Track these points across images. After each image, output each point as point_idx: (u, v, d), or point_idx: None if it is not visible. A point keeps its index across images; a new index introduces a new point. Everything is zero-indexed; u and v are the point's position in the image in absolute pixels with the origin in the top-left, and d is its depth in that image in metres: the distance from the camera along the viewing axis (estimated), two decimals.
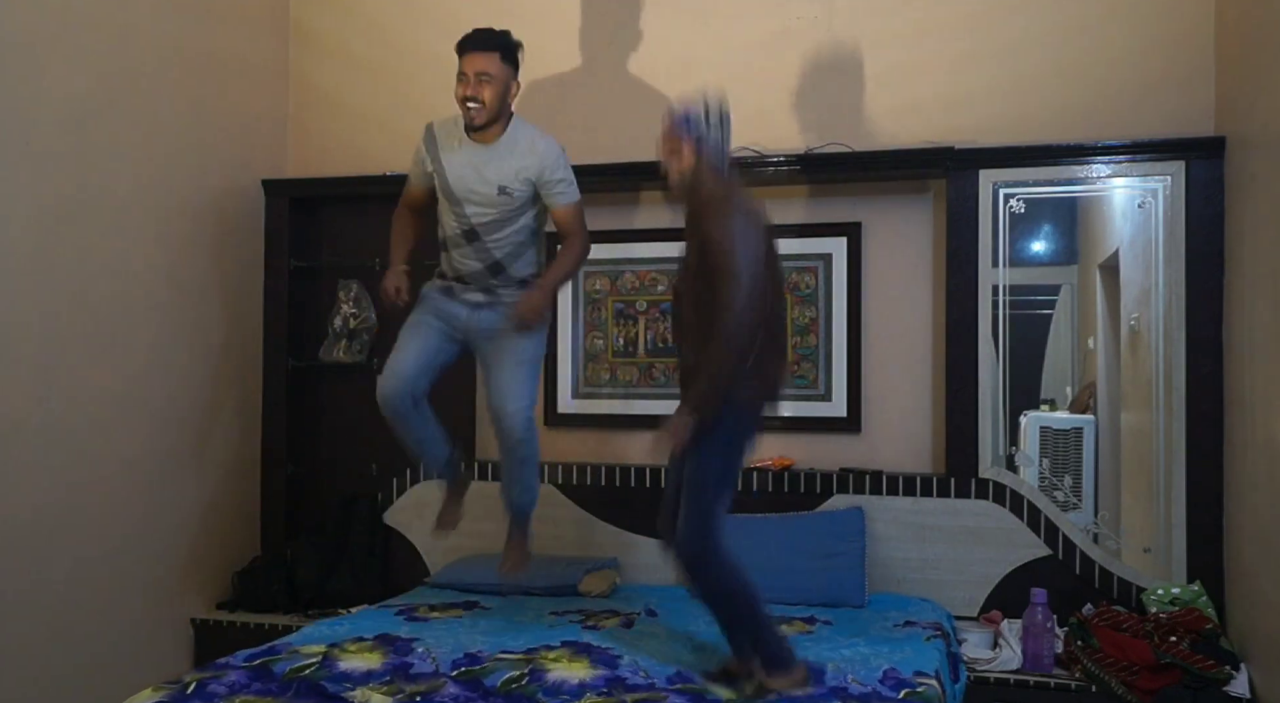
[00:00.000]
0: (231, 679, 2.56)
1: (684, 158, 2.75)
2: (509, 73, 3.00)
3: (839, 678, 2.62)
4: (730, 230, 2.59)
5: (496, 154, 3.00)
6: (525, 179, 3.01)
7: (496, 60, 2.96)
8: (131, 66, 3.65)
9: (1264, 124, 3.00)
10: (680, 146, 2.75)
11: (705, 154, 2.74)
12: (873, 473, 3.68)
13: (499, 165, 3.00)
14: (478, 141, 3.03)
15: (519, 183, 3.00)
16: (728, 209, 2.65)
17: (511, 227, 3.05)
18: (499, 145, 3.01)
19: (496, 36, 3.01)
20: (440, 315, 3.13)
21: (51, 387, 3.34)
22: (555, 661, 2.73)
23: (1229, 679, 2.93)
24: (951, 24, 3.78)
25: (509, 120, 3.05)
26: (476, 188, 3.01)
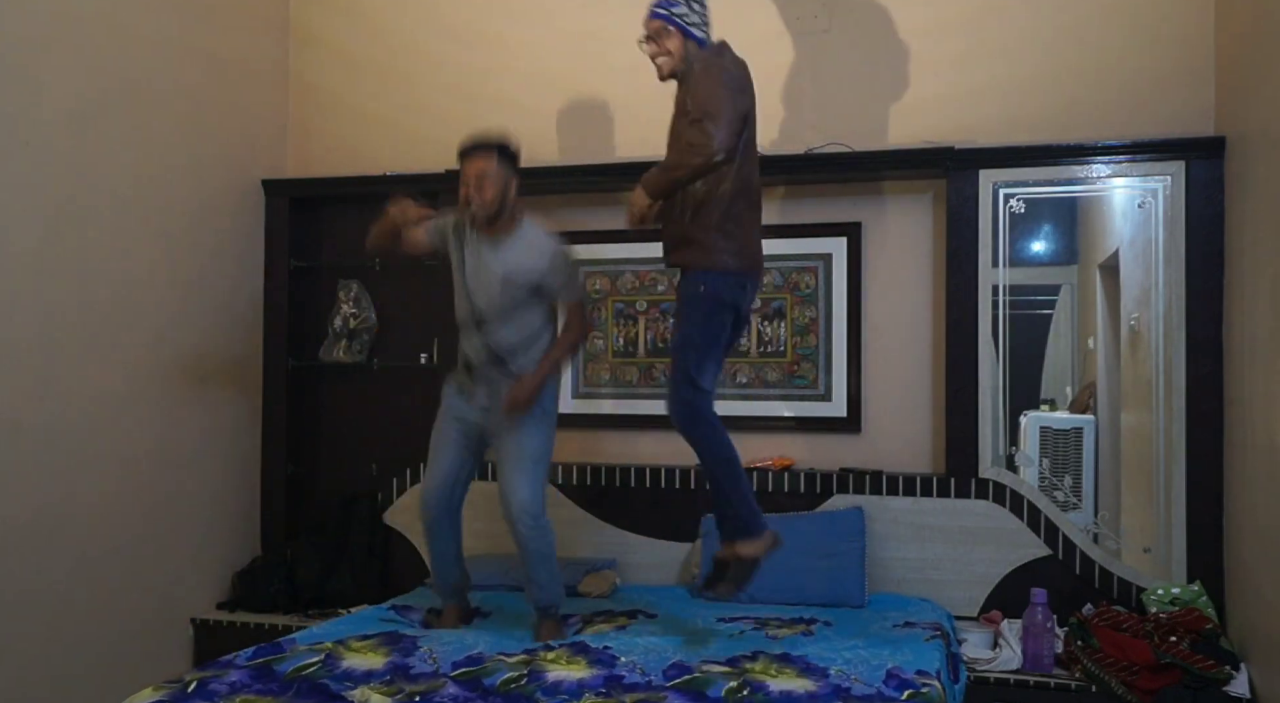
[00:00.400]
0: (233, 679, 2.56)
1: (672, 47, 2.91)
2: (508, 172, 3.14)
3: (842, 678, 2.62)
4: (719, 75, 2.80)
5: (505, 249, 3.15)
6: (529, 276, 3.14)
7: (494, 161, 3.10)
8: (131, 66, 3.65)
9: (1264, 124, 3.00)
10: (665, 36, 2.91)
11: (691, 39, 2.91)
12: (873, 473, 3.68)
13: (504, 259, 3.14)
14: (488, 237, 3.17)
15: (522, 278, 3.13)
16: (717, 62, 2.86)
17: (516, 320, 3.16)
18: (510, 241, 3.16)
19: (493, 141, 3.15)
20: (458, 421, 3.25)
21: (51, 387, 3.34)
22: (554, 661, 2.73)
23: (1229, 679, 2.93)
24: (951, 24, 3.78)
25: (519, 219, 3.19)
26: (483, 278, 3.15)
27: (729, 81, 2.83)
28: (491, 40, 4.22)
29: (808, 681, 2.60)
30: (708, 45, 2.95)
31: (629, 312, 4.07)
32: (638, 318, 4.07)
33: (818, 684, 2.58)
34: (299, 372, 4.28)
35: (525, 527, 3.08)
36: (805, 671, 2.68)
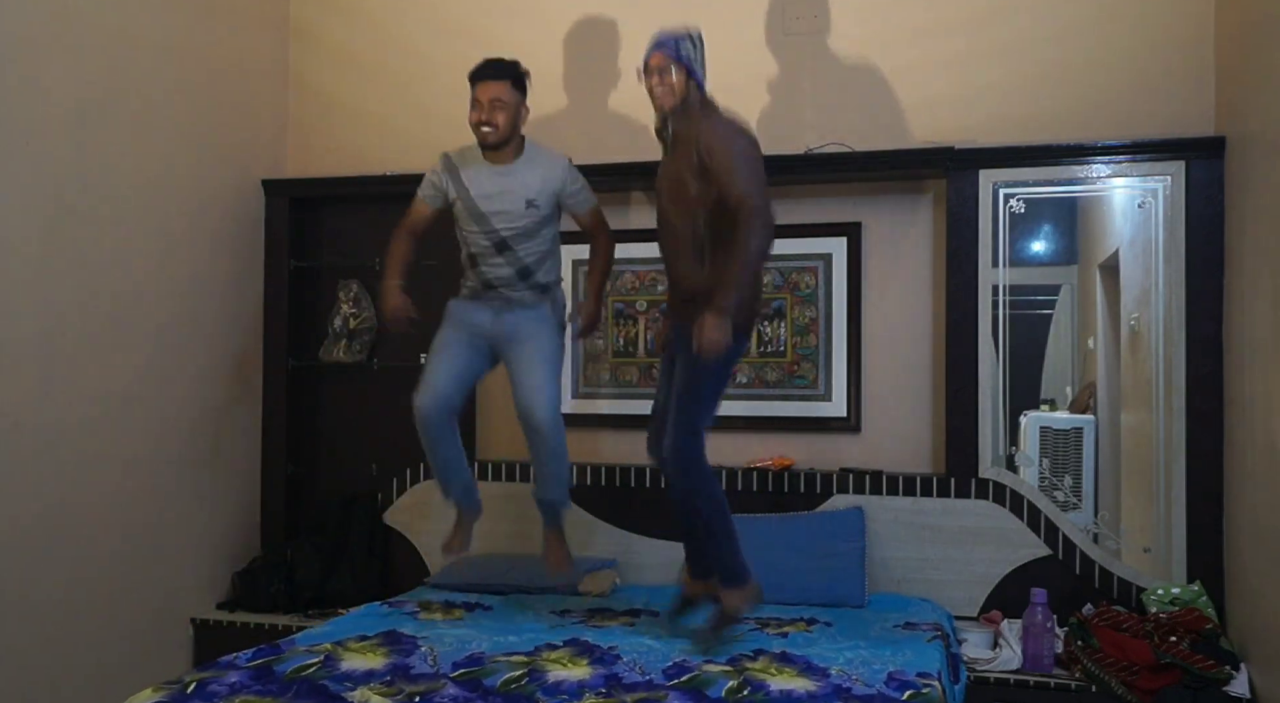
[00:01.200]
0: (233, 679, 2.56)
1: (676, 84, 2.91)
2: (519, 98, 3.23)
3: (843, 678, 2.62)
4: (734, 138, 2.82)
5: (518, 171, 3.23)
6: (549, 191, 3.24)
7: (508, 87, 3.18)
8: (131, 66, 3.65)
9: (1264, 124, 3.00)
10: (671, 73, 2.91)
11: (694, 79, 2.93)
12: (873, 473, 3.68)
13: (523, 180, 3.22)
14: (496, 163, 3.24)
15: (544, 195, 3.23)
16: (721, 120, 2.88)
17: (538, 236, 3.26)
18: (519, 164, 3.24)
19: (508, 66, 3.23)
20: (466, 327, 3.30)
21: (52, 387, 3.34)
22: (555, 661, 2.73)
23: (1229, 679, 2.93)
24: (951, 24, 3.78)
25: (522, 142, 3.28)
26: (504, 203, 3.21)
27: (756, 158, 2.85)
28: (491, 40, 4.21)
29: (808, 680, 2.61)
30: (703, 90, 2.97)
31: (629, 312, 4.07)
32: (638, 318, 4.07)
33: (818, 684, 2.58)
34: (299, 372, 4.28)
35: (549, 424, 3.16)
36: (806, 670, 2.68)
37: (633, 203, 4.04)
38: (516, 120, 3.22)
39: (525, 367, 3.21)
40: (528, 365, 3.20)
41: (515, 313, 3.26)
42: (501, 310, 3.27)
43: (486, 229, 3.24)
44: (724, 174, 2.76)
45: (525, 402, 3.18)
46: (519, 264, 3.24)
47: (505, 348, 3.27)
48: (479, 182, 3.25)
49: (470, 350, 3.28)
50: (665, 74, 2.93)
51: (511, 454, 4.02)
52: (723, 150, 2.79)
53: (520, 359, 3.22)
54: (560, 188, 3.26)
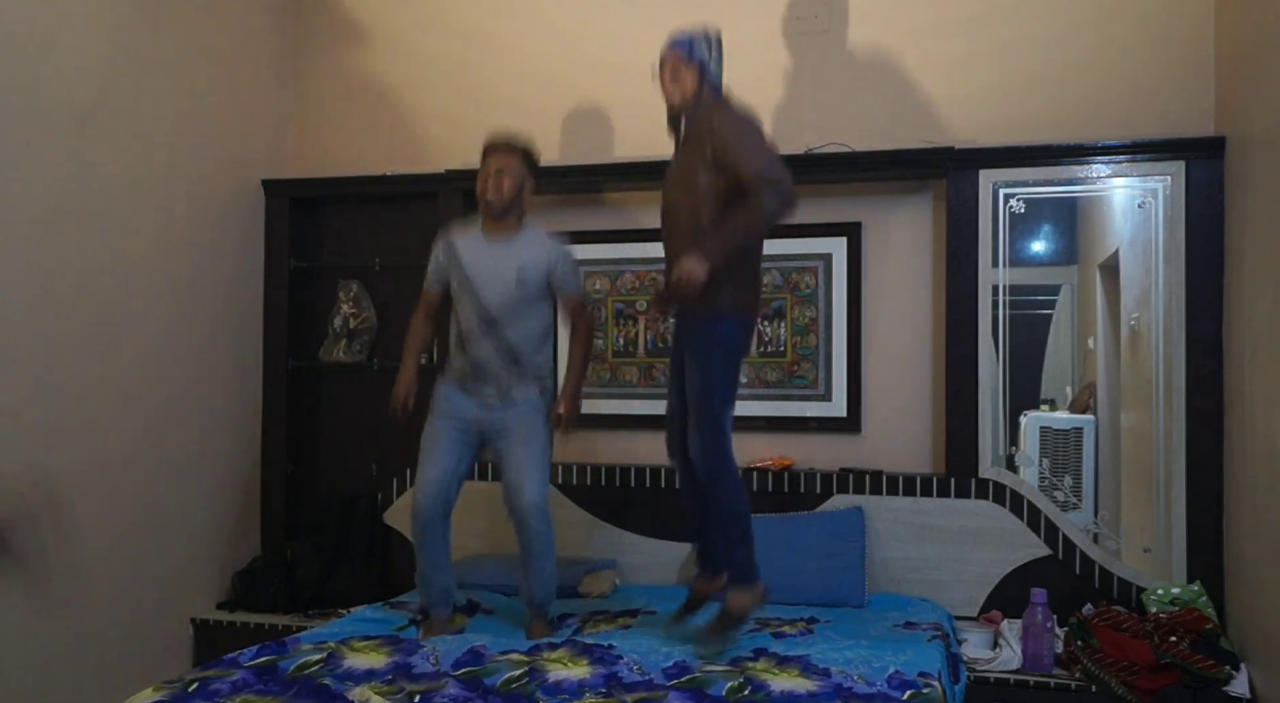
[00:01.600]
0: (236, 678, 2.56)
1: (687, 82, 2.93)
2: (526, 173, 3.28)
3: (843, 677, 2.62)
4: (744, 126, 2.83)
5: (514, 246, 3.25)
6: (541, 268, 3.24)
7: (517, 160, 3.25)
8: (131, 66, 3.65)
9: (1264, 124, 3.00)
10: (684, 71, 2.93)
11: (706, 78, 2.93)
12: (873, 473, 3.68)
13: (517, 255, 3.23)
14: (495, 236, 3.27)
15: (535, 270, 3.23)
16: (735, 114, 2.87)
17: (527, 318, 3.24)
18: (516, 240, 3.26)
19: (519, 143, 3.30)
20: (455, 419, 3.26)
21: (51, 387, 3.34)
22: (555, 661, 2.73)
23: (1229, 679, 2.93)
24: (951, 24, 3.78)
25: (522, 220, 3.31)
26: (496, 275, 3.22)
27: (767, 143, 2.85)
28: (491, 40, 4.22)
29: (809, 680, 2.61)
30: (717, 87, 2.97)
31: (629, 312, 4.07)
32: (637, 318, 4.07)
33: (819, 684, 2.58)
34: (299, 372, 4.28)
35: (536, 523, 3.13)
36: (806, 670, 2.68)
37: (640, 202, 4.04)
38: (520, 193, 3.25)
39: (515, 462, 3.17)
40: (517, 461, 3.17)
41: (506, 408, 3.22)
42: (492, 404, 3.22)
43: (476, 303, 3.21)
44: (737, 159, 2.75)
45: (513, 496, 3.15)
46: (506, 345, 3.19)
47: (495, 440, 3.24)
48: (473, 250, 3.26)
49: (461, 445, 3.24)
50: (678, 72, 2.94)
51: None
52: (734, 139, 2.79)
53: (510, 453, 3.19)
54: (552, 267, 3.24)
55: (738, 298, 2.85)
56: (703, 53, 2.93)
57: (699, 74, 2.92)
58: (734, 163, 2.75)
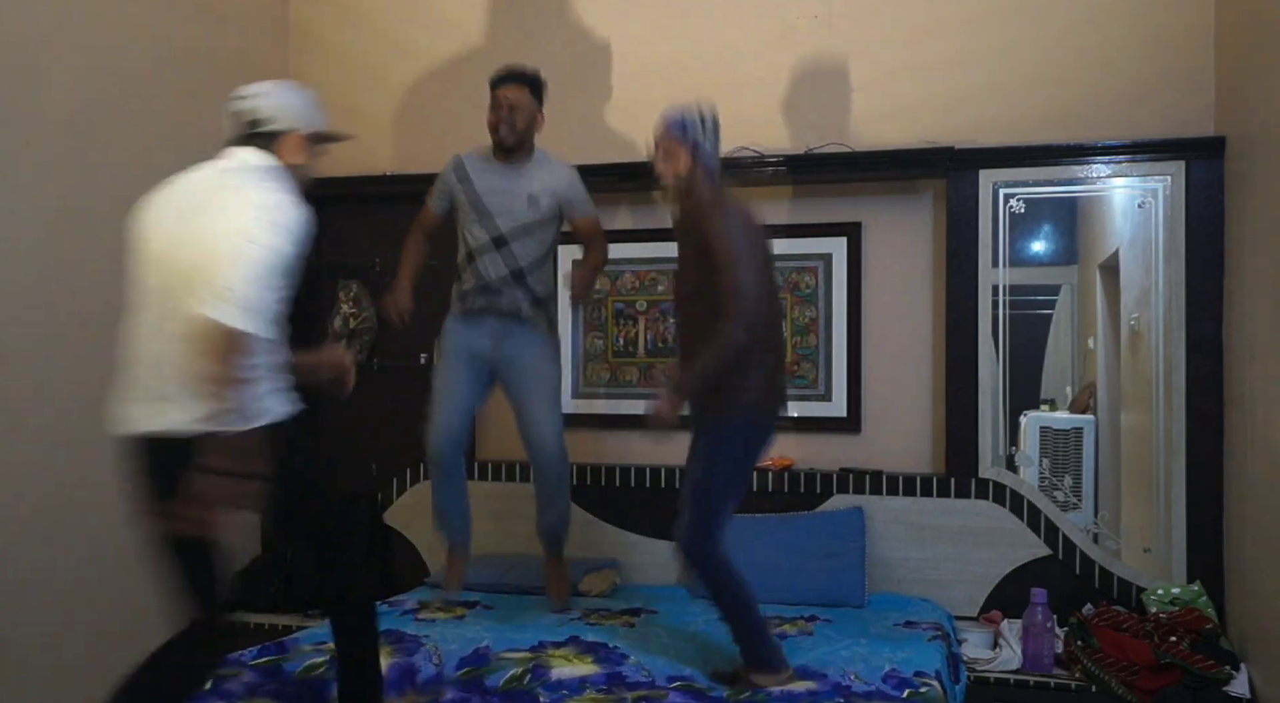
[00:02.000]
0: (248, 679, 2.57)
1: (679, 163, 2.83)
2: (535, 105, 3.34)
3: (842, 677, 2.62)
4: (727, 227, 2.70)
5: (525, 173, 3.33)
6: (551, 194, 3.32)
7: (526, 93, 3.30)
8: (131, 67, 3.64)
9: (1264, 124, 3.00)
10: (676, 152, 2.84)
11: (700, 159, 2.83)
12: (873, 473, 3.68)
13: (528, 181, 3.31)
14: (506, 164, 3.33)
15: (546, 197, 3.31)
16: (721, 210, 2.76)
17: (535, 237, 3.32)
18: (527, 167, 3.34)
19: (528, 73, 3.34)
20: (466, 356, 3.33)
21: (51, 387, 3.34)
22: (560, 657, 2.73)
23: (1229, 679, 2.93)
24: (951, 24, 3.78)
25: (533, 150, 3.38)
26: (507, 200, 3.30)
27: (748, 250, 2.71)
28: (491, 40, 4.21)
29: (808, 680, 2.61)
30: (713, 173, 2.86)
31: (629, 312, 4.07)
32: (638, 318, 4.07)
33: (818, 683, 2.59)
34: None
35: (556, 463, 3.30)
36: (805, 670, 2.69)
37: (641, 202, 4.04)
38: (531, 126, 3.32)
39: (534, 400, 3.29)
40: (536, 398, 3.29)
41: (515, 339, 3.31)
42: (501, 336, 3.30)
43: (487, 224, 3.29)
44: (722, 279, 2.64)
45: (536, 434, 3.28)
46: (514, 264, 3.29)
47: (507, 375, 3.33)
48: (485, 177, 3.33)
49: (473, 382, 3.33)
50: (671, 152, 2.84)
51: (510, 455, 4.02)
52: (721, 256, 2.66)
53: (527, 391, 3.30)
54: (564, 191, 3.33)
55: (744, 401, 2.71)
56: (696, 133, 2.81)
57: (691, 155, 2.81)
58: (719, 281, 2.65)
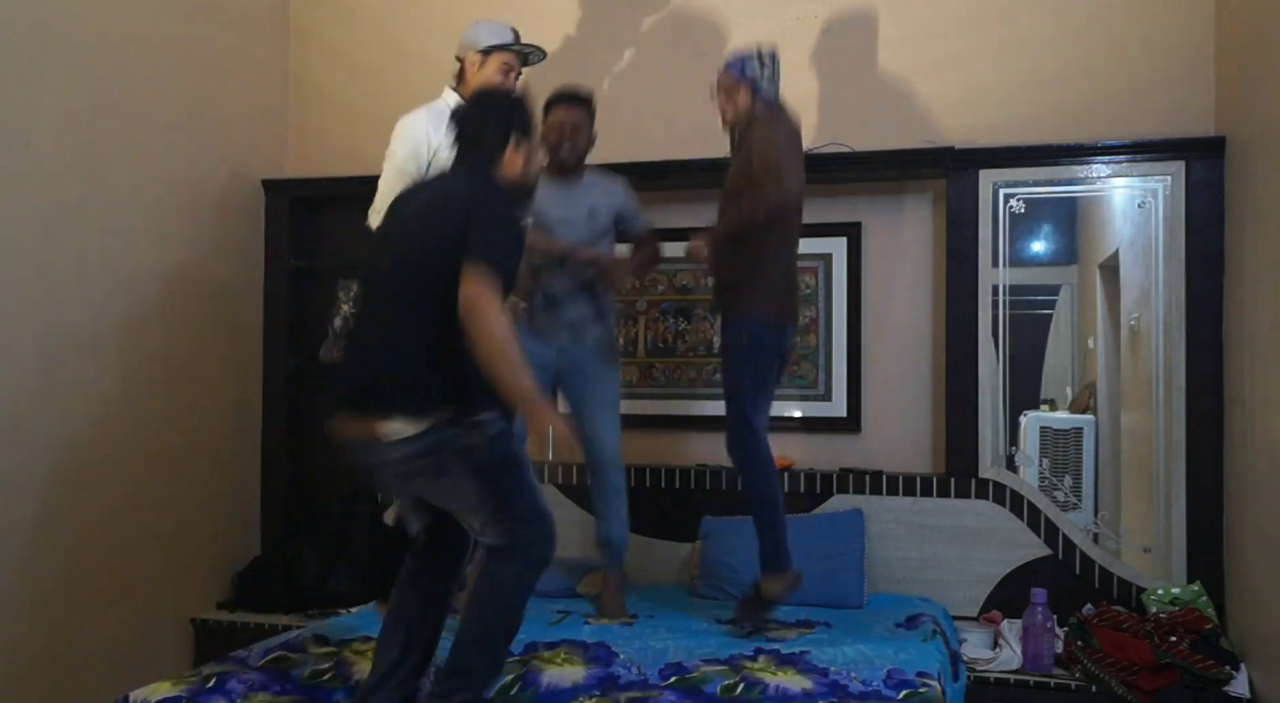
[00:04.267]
0: (251, 679, 2.57)
1: (740, 100, 3.08)
2: (590, 125, 3.43)
3: (841, 677, 2.62)
4: (774, 131, 3.00)
5: (582, 189, 3.42)
6: (609, 209, 3.42)
7: (583, 113, 3.40)
8: (131, 66, 3.65)
9: (1264, 124, 3.00)
10: (736, 90, 3.08)
11: (759, 95, 3.07)
12: (873, 473, 3.68)
13: (586, 196, 3.40)
14: (563, 182, 3.39)
15: (604, 211, 3.40)
16: (772, 121, 3.04)
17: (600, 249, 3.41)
18: (583, 182, 3.43)
19: (583, 94, 3.42)
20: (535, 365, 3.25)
21: (51, 387, 3.34)
22: (550, 661, 2.73)
23: (1229, 679, 2.93)
24: (952, 24, 3.78)
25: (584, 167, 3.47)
26: (569, 216, 3.36)
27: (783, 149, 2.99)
28: None
29: (806, 679, 2.60)
30: (770, 104, 3.10)
31: (629, 312, 4.07)
32: (638, 318, 4.06)
33: (816, 683, 2.58)
34: (299, 371, 4.28)
35: (614, 474, 3.37)
36: (804, 670, 2.68)
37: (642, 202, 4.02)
38: (588, 145, 3.41)
39: (594, 410, 3.35)
40: (597, 408, 3.36)
41: (579, 350, 3.36)
42: (565, 347, 3.35)
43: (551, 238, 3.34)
44: (755, 166, 2.94)
45: (596, 444, 3.34)
46: (583, 276, 3.35)
47: (569, 385, 3.39)
48: (545, 194, 3.30)
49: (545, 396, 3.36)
50: (731, 92, 3.09)
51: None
52: (760, 150, 2.95)
53: (588, 402, 3.37)
54: (621, 206, 3.43)
55: (765, 306, 3.04)
56: (754, 71, 3.07)
57: (751, 92, 3.06)
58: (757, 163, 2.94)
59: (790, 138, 3.07)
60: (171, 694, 2.45)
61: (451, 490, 2.41)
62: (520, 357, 2.31)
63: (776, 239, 3.05)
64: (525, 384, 2.31)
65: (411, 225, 2.46)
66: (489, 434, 2.36)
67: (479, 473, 2.36)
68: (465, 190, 2.43)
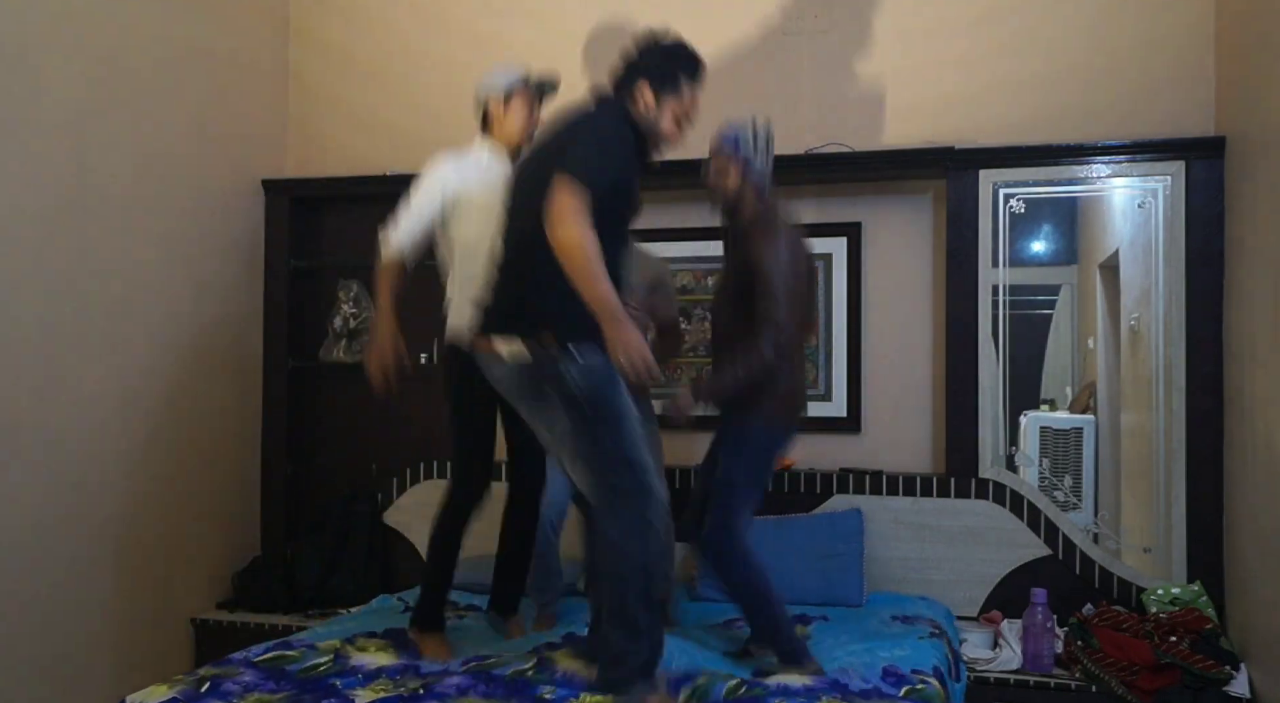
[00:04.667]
0: (246, 679, 2.57)
1: (731, 179, 2.93)
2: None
3: (841, 675, 2.62)
4: (772, 252, 2.81)
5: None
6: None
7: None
8: (131, 66, 3.65)
9: (1264, 124, 3.00)
10: (728, 168, 2.92)
11: (751, 176, 2.92)
12: (873, 473, 3.68)
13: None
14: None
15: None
16: (771, 232, 2.85)
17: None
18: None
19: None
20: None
21: (51, 387, 3.34)
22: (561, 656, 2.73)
23: (1229, 679, 2.93)
24: (951, 24, 3.78)
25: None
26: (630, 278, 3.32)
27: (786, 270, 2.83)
28: (491, 40, 4.22)
29: (806, 677, 2.60)
30: (764, 194, 2.95)
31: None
32: None
33: (815, 680, 2.58)
34: (299, 372, 4.28)
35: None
36: None
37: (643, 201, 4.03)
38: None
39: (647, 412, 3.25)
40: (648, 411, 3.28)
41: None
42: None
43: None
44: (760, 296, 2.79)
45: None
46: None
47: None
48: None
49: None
50: (723, 168, 2.94)
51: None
52: (763, 274, 2.80)
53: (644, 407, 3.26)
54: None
55: (776, 407, 2.88)
56: (747, 150, 2.91)
57: (742, 172, 2.92)
58: (758, 304, 2.79)
59: (792, 247, 2.87)
60: (167, 697, 2.45)
61: (549, 416, 2.49)
62: (601, 270, 2.33)
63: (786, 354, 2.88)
64: (605, 297, 2.33)
65: (542, 153, 2.58)
66: (583, 365, 2.40)
67: (572, 403, 2.42)
68: (583, 114, 2.56)
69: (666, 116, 2.61)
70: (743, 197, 2.93)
